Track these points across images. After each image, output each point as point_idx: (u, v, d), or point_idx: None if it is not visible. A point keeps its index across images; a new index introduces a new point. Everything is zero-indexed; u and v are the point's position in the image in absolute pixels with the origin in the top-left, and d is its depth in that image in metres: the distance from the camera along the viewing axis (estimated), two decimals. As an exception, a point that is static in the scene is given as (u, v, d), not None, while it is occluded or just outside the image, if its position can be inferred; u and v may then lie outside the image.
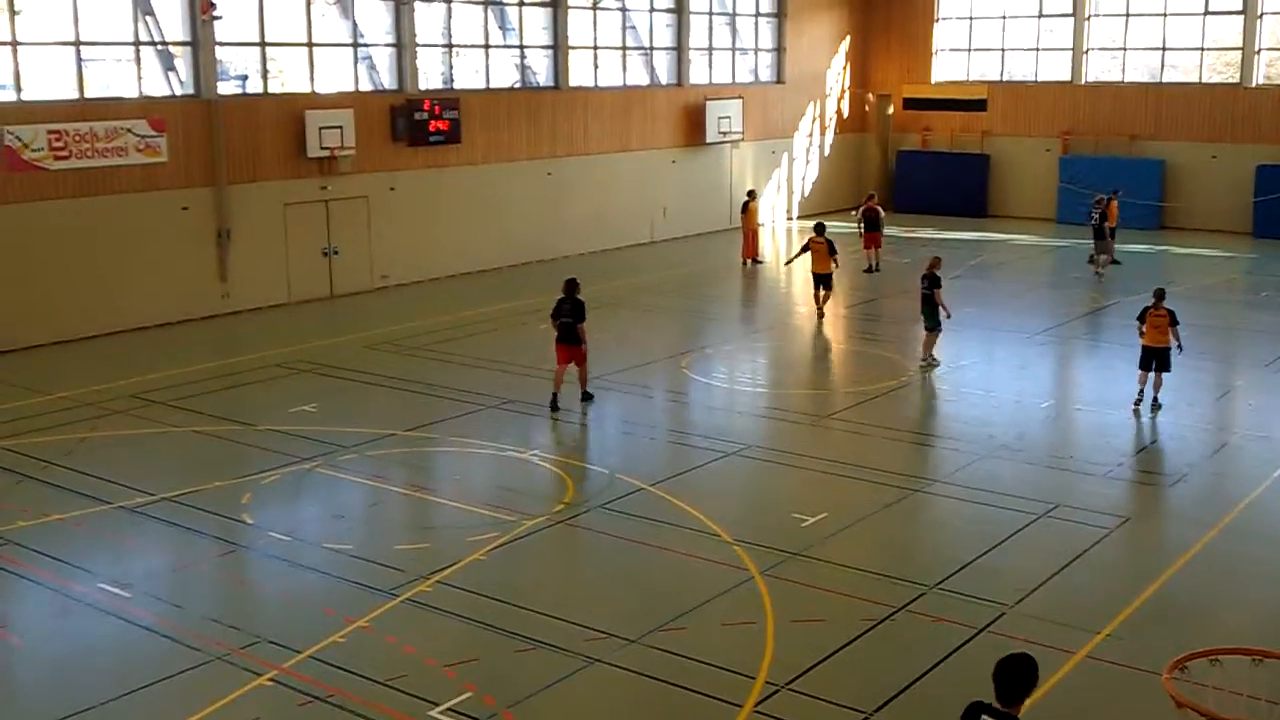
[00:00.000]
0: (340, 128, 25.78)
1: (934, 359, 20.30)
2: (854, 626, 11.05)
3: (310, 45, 26.09)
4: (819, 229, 24.88)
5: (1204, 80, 36.60)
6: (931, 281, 20.21)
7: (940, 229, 36.23)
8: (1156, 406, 17.80)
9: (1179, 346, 17.85)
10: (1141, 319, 18.04)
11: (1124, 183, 33.87)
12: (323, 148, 25.55)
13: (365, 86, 27.28)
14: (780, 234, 36.94)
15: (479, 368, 20.42)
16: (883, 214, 30.51)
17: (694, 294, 27.87)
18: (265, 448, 16.15)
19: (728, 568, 12.33)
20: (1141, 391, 17.83)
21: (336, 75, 26.89)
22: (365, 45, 27.35)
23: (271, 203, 25.19)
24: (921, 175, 39.89)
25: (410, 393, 18.99)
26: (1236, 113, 35.61)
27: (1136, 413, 17.70)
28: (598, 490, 14.70)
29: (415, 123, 27.49)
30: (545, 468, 15.58)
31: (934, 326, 20.24)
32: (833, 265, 24.19)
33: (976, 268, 30.31)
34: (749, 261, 30.70)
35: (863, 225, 30.05)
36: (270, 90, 25.73)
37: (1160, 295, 18.07)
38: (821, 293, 24.21)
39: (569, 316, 17.97)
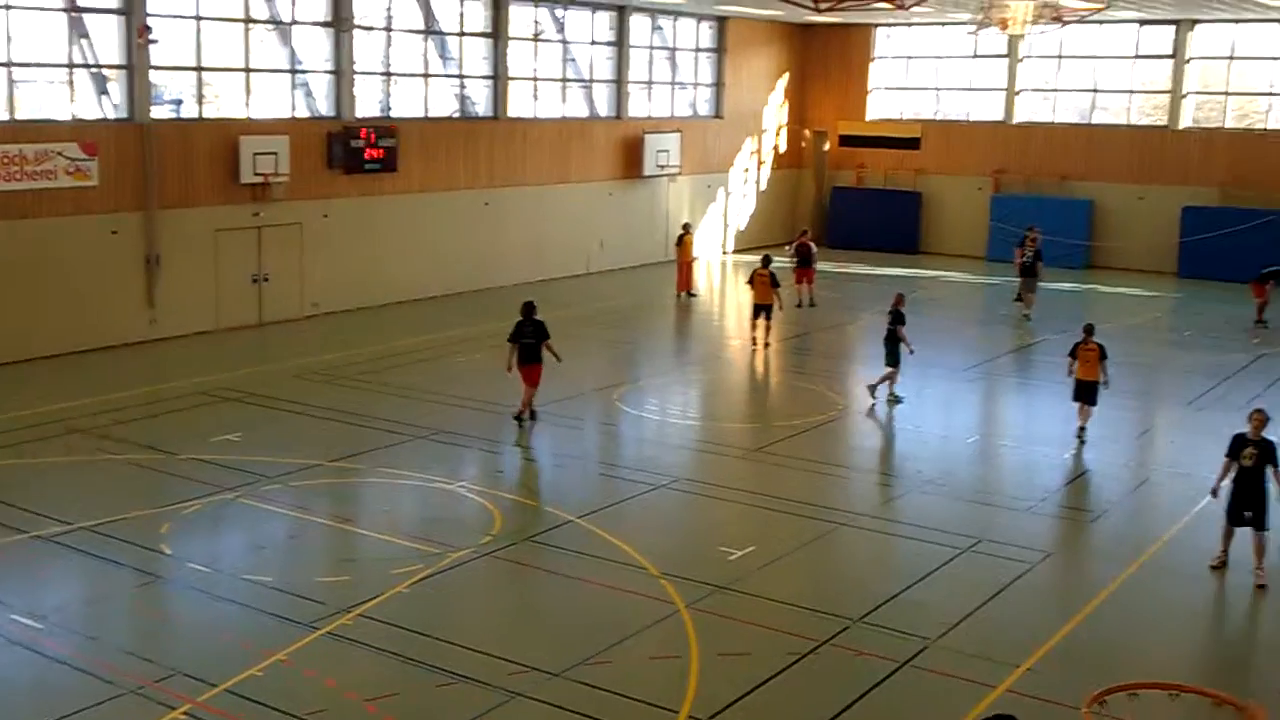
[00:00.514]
0: (275, 154, 25.59)
1: (896, 396, 20.37)
2: (779, 660, 11.06)
3: (247, 70, 25.91)
4: (765, 261, 25.20)
5: (1133, 122, 37.34)
6: (895, 317, 20.36)
7: (873, 265, 36.59)
8: (1082, 439, 18.09)
9: (1105, 382, 18.17)
10: (1073, 354, 18.37)
11: (1053, 222, 34.41)
12: (256, 174, 25.34)
13: (302, 113, 27.13)
14: (716, 268, 37.12)
15: (409, 398, 20.28)
16: (815, 250, 30.75)
17: (628, 326, 27.90)
18: (187, 477, 15.91)
19: (654, 601, 12.30)
20: (1081, 425, 18.17)
21: (273, 101, 26.72)
22: (303, 71, 27.21)
23: (202, 228, 24.93)
24: (856, 211, 40.29)
25: (338, 422, 18.81)
26: (1164, 155, 36.35)
27: (1081, 439, 18.04)
28: (525, 523, 14.64)
29: (351, 150, 27.36)
30: (473, 499, 15.48)
31: (894, 364, 20.31)
32: (775, 297, 24.45)
33: (908, 303, 30.52)
34: (683, 295, 30.80)
35: (796, 260, 30.26)
36: (205, 115, 25.51)
37: (1090, 330, 18.44)
38: (761, 322, 24.46)
39: (531, 337, 18.49)
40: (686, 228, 31.72)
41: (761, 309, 24.53)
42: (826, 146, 41.41)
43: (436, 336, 25.28)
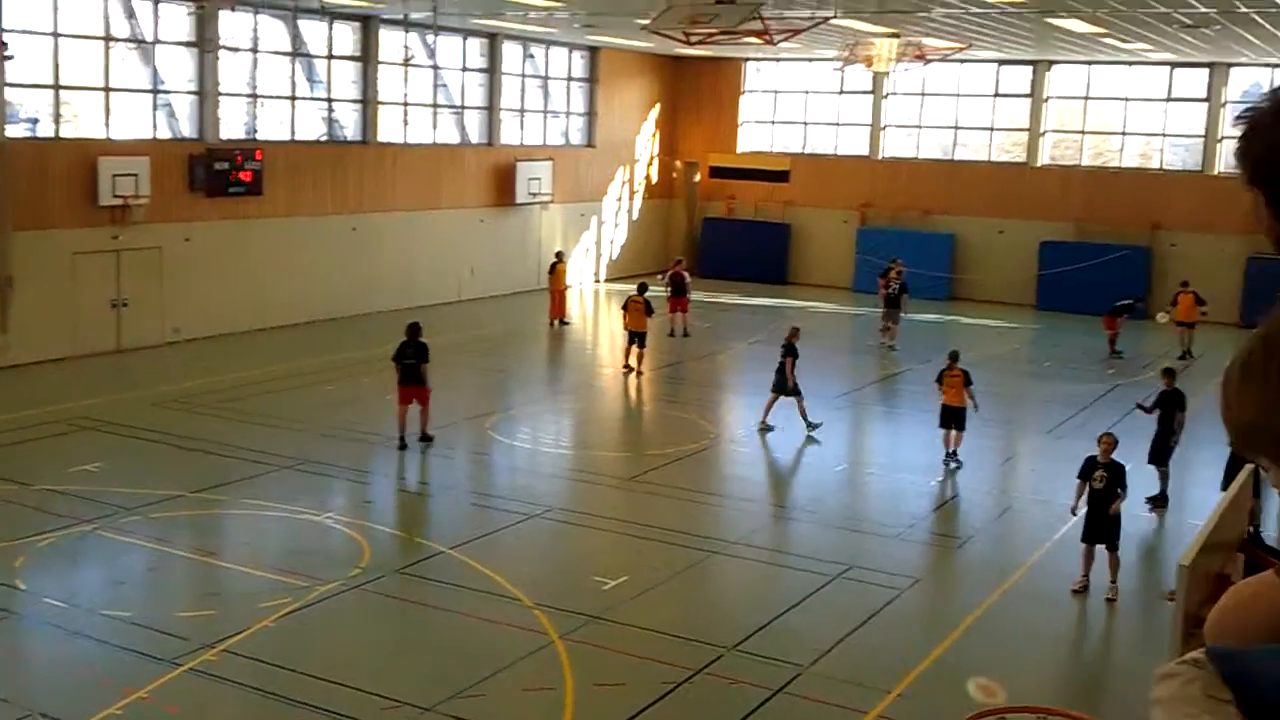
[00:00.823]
0: (135, 175, 24.89)
1: (767, 425, 20.49)
2: (653, 689, 11.02)
3: (107, 90, 25.21)
4: (641, 288, 25.32)
5: (993, 159, 38.45)
6: (787, 350, 20.57)
7: (743, 295, 36.97)
8: (957, 463, 18.47)
9: (974, 406, 18.59)
10: (940, 380, 18.76)
11: (917, 255, 35.17)
12: (116, 196, 24.62)
13: (164, 134, 26.47)
14: (589, 296, 37.15)
15: (274, 427, 19.83)
16: (689, 279, 30.97)
17: (500, 354, 27.73)
18: (42, 509, 15.29)
19: (527, 632, 12.17)
20: (947, 450, 18.52)
21: (133, 122, 26.02)
22: (165, 92, 26.57)
23: (59, 251, 24.11)
24: (726, 242, 40.70)
25: (200, 452, 18.30)
26: (1022, 190, 37.47)
27: (947, 465, 18.35)
28: (396, 554, 14.39)
29: (215, 173, 26.75)
30: (341, 530, 15.18)
31: (788, 391, 20.33)
32: (647, 324, 24.64)
33: (777, 333, 30.91)
34: (556, 323, 30.74)
35: (670, 290, 30.41)
36: (63, 135, 24.73)
37: (954, 357, 18.88)
38: (634, 349, 24.55)
39: (412, 359, 18.58)
40: (560, 256, 31.70)
41: (635, 336, 24.65)
42: (697, 178, 41.81)
43: (302, 364, 24.80)
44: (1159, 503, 16.97)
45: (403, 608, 12.93)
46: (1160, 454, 17.07)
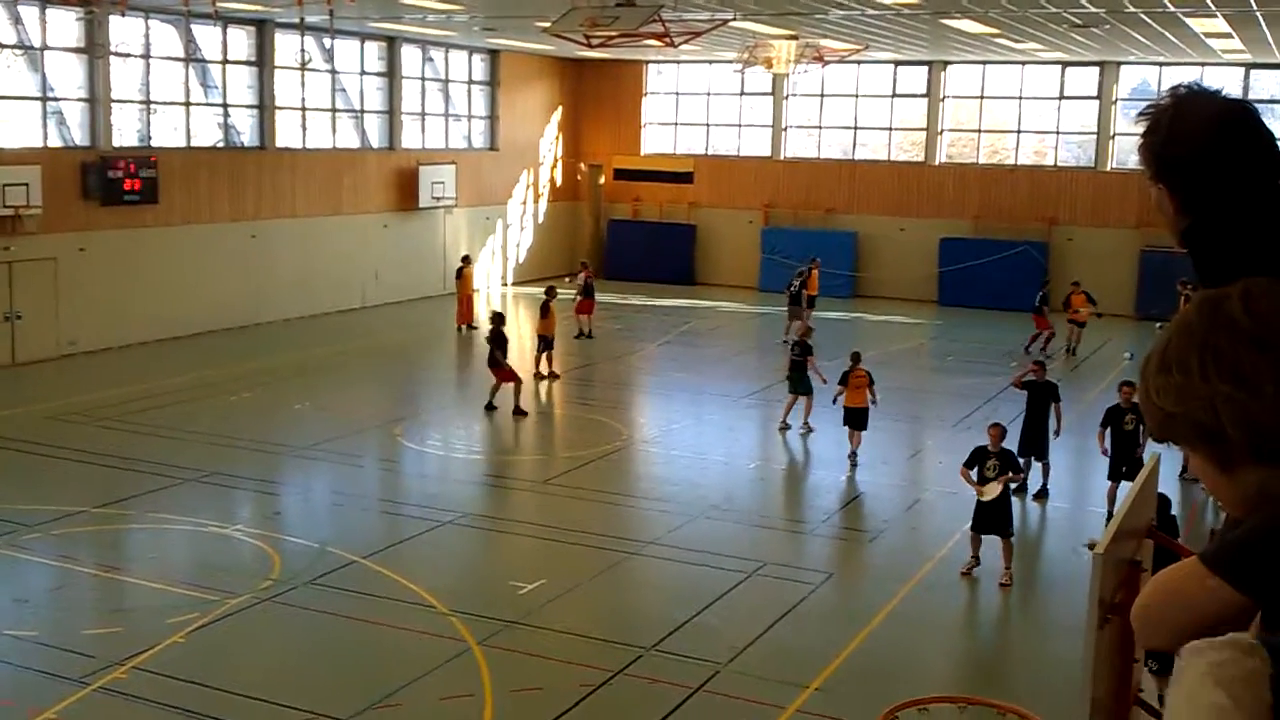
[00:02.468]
0: (26, 185, 24.23)
1: (809, 426, 20.54)
2: (573, 693, 10.99)
3: (-7, 97, 24.54)
4: (550, 292, 25.24)
5: (892, 158, 39.00)
6: (803, 349, 20.66)
7: (650, 296, 37.06)
8: (854, 462, 18.66)
9: (874, 401, 18.82)
10: (843, 381, 18.94)
11: (819, 253, 35.54)
12: (6, 206, 23.94)
13: (55, 142, 25.82)
14: (496, 300, 36.97)
15: (177, 439, 19.42)
16: (592, 282, 30.92)
17: (407, 360, 27.48)
18: (-64, 529, 14.84)
19: (444, 639, 12.07)
20: (853, 451, 18.68)
21: (23, 130, 25.34)
22: (55, 99, 25.92)
23: (-53, 264, 23.43)
24: (632, 244, 40.79)
25: (102, 466, 17.86)
26: (921, 188, 38.06)
27: (852, 464, 18.54)
28: (306, 565, 14.15)
29: (108, 181, 26.13)
30: (250, 543, 14.91)
31: (808, 391, 20.48)
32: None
33: (685, 334, 31.11)
34: (464, 328, 30.52)
35: (580, 292, 30.18)
36: (-54, 144, 24.03)
37: (857, 358, 19.05)
38: (545, 355, 24.47)
39: (490, 344, 21.19)
40: (466, 260, 31.50)
41: (546, 341, 24.59)
42: (602, 180, 41.84)
43: (203, 374, 24.32)
44: (1040, 495, 17.38)
45: (316, 619, 12.73)
46: (1038, 446, 17.44)
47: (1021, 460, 17.33)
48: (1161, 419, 1.96)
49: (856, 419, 18.84)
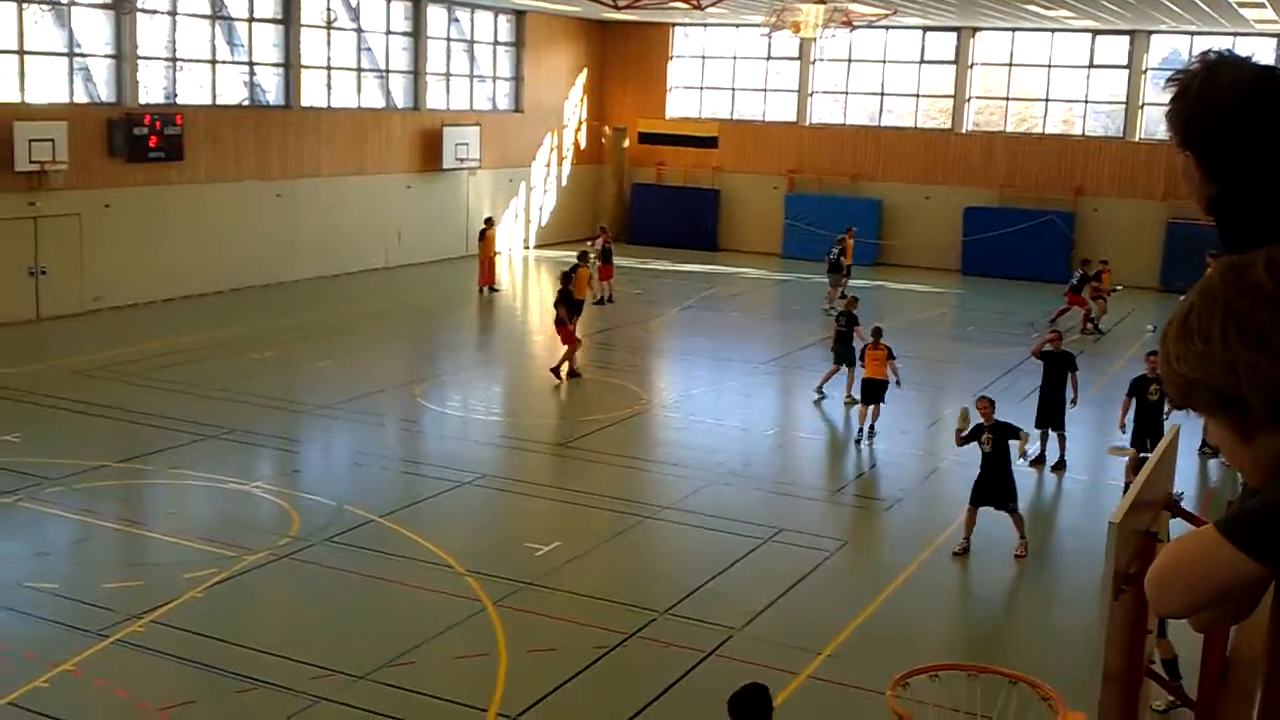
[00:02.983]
0: (52, 141, 24.31)
1: (854, 397, 20.30)
2: (586, 655, 11.06)
3: (21, 53, 24.57)
4: (583, 257, 25.01)
5: (919, 125, 38.72)
6: (849, 320, 20.53)
7: (673, 261, 37.00)
8: (872, 435, 18.59)
9: (897, 381, 18.70)
10: (862, 356, 18.86)
11: (844, 220, 35.34)
12: (32, 161, 24.03)
13: (81, 98, 25.88)
14: (518, 263, 36.98)
15: (200, 395, 19.53)
16: (612, 246, 30.71)
17: (429, 321, 27.54)
18: (-40, 480, 14.99)
19: (460, 599, 12.15)
20: (861, 426, 18.57)
21: (49, 86, 25.39)
22: (82, 55, 25.95)
23: (-27, 218, 23.55)
24: (655, 208, 40.68)
25: (124, 422, 18.00)
26: (947, 156, 37.80)
27: (859, 445, 18.43)
28: (325, 523, 14.25)
29: (134, 138, 26.19)
30: (269, 500, 15.02)
31: (852, 362, 20.25)
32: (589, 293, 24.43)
33: (707, 299, 31.06)
34: (486, 289, 30.55)
35: (600, 258, 30.08)
36: (-27, 98, 24.11)
37: (877, 333, 18.94)
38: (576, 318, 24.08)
39: (560, 304, 21.01)
40: (489, 222, 31.46)
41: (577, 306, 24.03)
42: (626, 143, 41.70)
43: (226, 332, 24.45)
44: (1058, 466, 17.34)
45: (333, 576, 12.82)
46: (1054, 417, 17.37)
47: (1038, 431, 17.32)
48: (1182, 385, 1.95)
49: (872, 391, 18.70)
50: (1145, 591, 2.16)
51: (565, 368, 21.29)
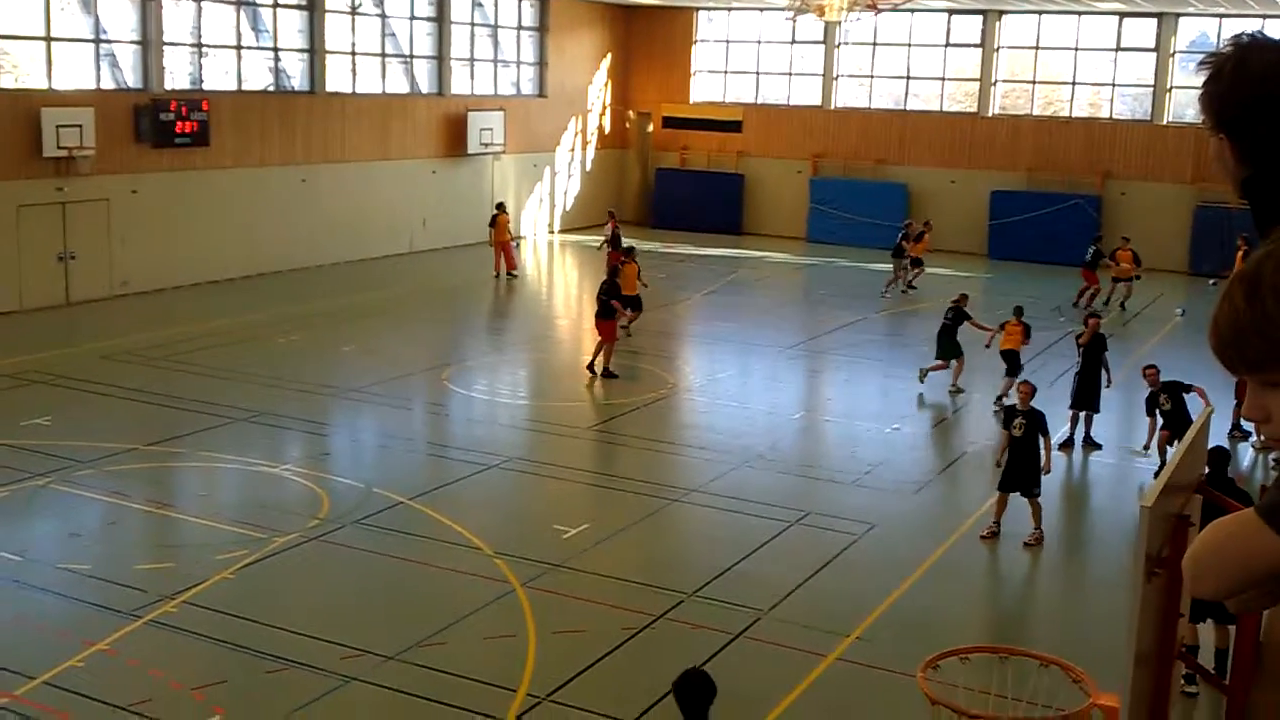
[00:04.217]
0: (80, 127, 24.44)
1: (959, 387, 20.68)
2: (614, 636, 11.09)
3: (49, 40, 24.70)
4: (630, 252, 24.31)
5: (944, 109, 38.53)
6: (957, 315, 20.81)
7: (697, 245, 36.95)
8: (999, 404, 18.96)
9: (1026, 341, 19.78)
10: (1001, 327, 19.95)
11: (869, 205, 35.28)
12: (60, 147, 24.18)
13: (108, 84, 26.00)
14: (543, 247, 37.00)
15: (228, 379, 19.65)
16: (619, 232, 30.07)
17: (454, 305, 27.60)
18: (-7, 463, 15.13)
19: (489, 581, 12.20)
20: (1000, 396, 19.17)
21: (76, 72, 25.53)
22: (108, 41, 26.06)
23: (2, 204, 23.68)
24: (680, 193, 40.61)
25: (153, 405, 18.12)
26: (974, 140, 37.61)
27: (997, 413, 18.71)
28: (354, 505, 14.33)
29: (160, 124, 26.30)
30: (299, 482, 15.10)
31: (958, 354, 20.56)
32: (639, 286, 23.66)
33: (732, 284, 31.02)
34: (501, 275, 30.05)
35: (608, 244, 29.67)
36: (3, 85, 24.22)
37: (1019, 311, 20.01)
38: (630, 313, 23.27)
39: (605, 295, 20.39)
40: (500, 207, 31.03)
41: (632, 301, 23.29)
42: (650, 128, 41.64)
43: (253, 316, 24.56)
44: (1088, 443, 17.41)
45: (363, 558, 12.89)
46: (1091, 399, 17.42)
47: (1071, 413, 17.36)
48: (1239, 339, 1.94)
49: (1010, 361, 19.58)
50: (1183, 573, 2.17)
51: (599, 363, 20.58)
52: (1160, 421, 15.97)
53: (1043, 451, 13.91)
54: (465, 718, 9.62)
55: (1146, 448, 16.54)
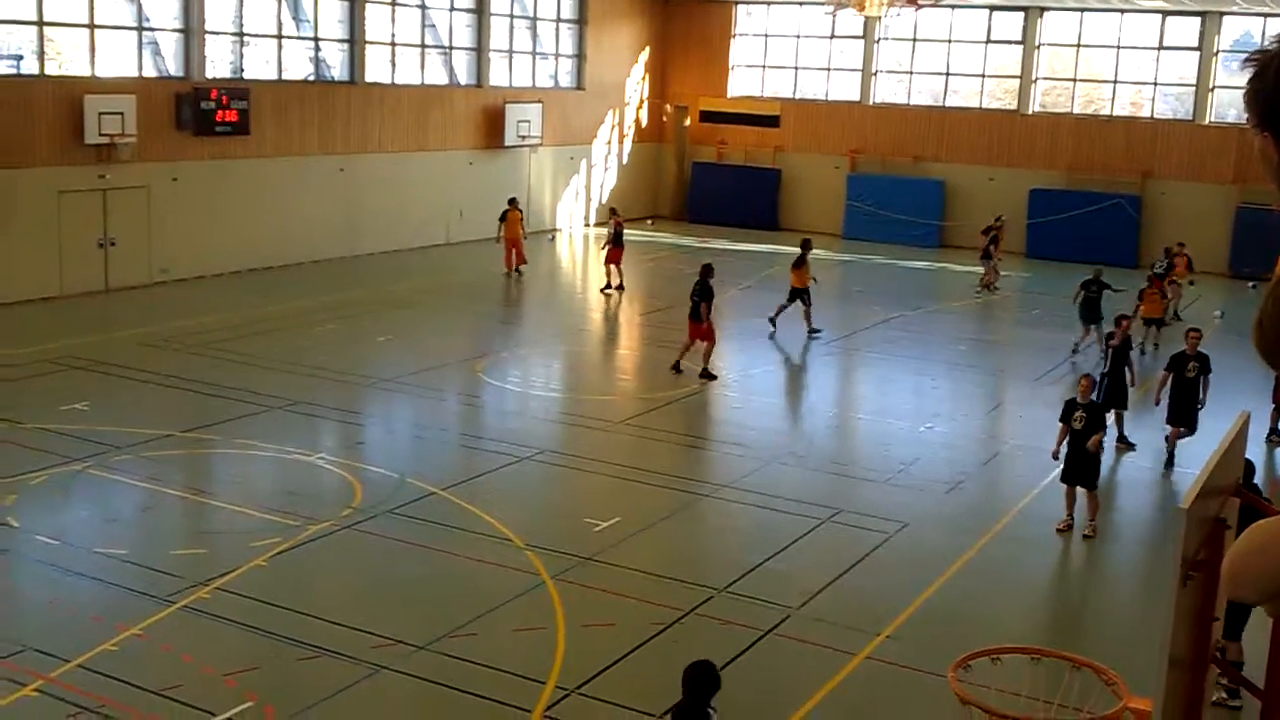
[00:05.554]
0: (121, 114, 24.66)
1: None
2: (644, 630, 11.10)
3: (92, 27, 24.91)
4: (805, 245, 24.59)
5: (984, 106, 38.28)
6: (1100, 285, 22.83)
7: (733, 241, 36.86)
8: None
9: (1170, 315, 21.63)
10: (1140, 296, 21.93)
11: (907, 202, 35.08)
12: (102, 134, 24.40)
13: (150, 72, 26.20)
14: (578, 240, 37.03)
15: (264, 367, 19.78)
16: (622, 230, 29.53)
17: (490, 297, 27.66)
18: (33, 447, 15.27)
19: (519, 573, 12.23)
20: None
21: (119, 59, 25.74)
22: (151, 29, 26.26)
23: (44, 190, 23.92)
24: (716, 187, 40.54)
25: (190, 392, 18.27)
26: (1013, 138, 37.36)
27: (1143, 354, 19.70)
28: (387, 495, 14.40)
29: (201, 112, 26.49)
30: (333, 471, 15.19)
31: (1099, 320, 22.18)
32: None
33: (767, 279, 30.92)
34: (514, 271, 29.31)
35: (611, 241, 28.68)
36: (47, 72, 24.46)
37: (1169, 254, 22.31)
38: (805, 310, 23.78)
39: (697, 296, 20.08)
40: (513, 202, 30.07)
41: (796, 293, 24.19)
42: (687, 122, 41.58)
43: (291, 305, 24.72)
44: (1122, 442, 17.37)
45: (395, 548, 12.95)
46: (1120, 398, 17.38)
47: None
48: None
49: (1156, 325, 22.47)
50: (1221, 576, 2.15)
51: (702, 364, 20.29)
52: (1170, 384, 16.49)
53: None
54: (494, 709, 9.65)
55: (1157, 401, 16.93)
